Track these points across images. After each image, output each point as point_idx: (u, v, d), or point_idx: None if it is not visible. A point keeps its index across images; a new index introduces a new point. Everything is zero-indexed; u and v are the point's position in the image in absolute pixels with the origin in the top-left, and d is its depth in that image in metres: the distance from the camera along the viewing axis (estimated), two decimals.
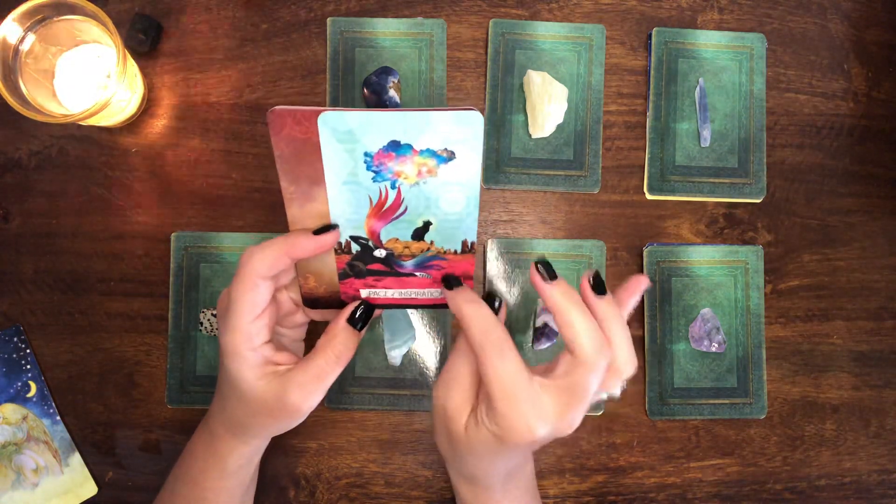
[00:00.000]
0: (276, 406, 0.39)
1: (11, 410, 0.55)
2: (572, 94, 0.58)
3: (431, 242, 0.39)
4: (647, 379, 0.57)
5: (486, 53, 0.58)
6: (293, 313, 0.44)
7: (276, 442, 0.52)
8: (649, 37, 0.59)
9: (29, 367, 0.55)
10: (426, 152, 0.35)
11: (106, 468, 0.56)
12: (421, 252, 0.40)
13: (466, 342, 0.39)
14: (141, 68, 0.56)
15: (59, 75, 0.52)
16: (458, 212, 0.38)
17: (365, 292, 0.42)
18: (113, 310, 0.56)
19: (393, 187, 0.37)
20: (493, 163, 0.57)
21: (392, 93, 0.57)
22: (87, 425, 0.56)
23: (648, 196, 0.58)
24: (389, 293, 0.42)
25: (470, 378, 0.39)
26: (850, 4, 0.61)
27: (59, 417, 0.55)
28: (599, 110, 0.58)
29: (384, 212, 0.38)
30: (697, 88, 0.59)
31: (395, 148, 0.35)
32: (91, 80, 0.53)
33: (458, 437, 0.39)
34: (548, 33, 0.58)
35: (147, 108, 0.57)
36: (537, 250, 0.57)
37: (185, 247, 0.56)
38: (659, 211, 0.59)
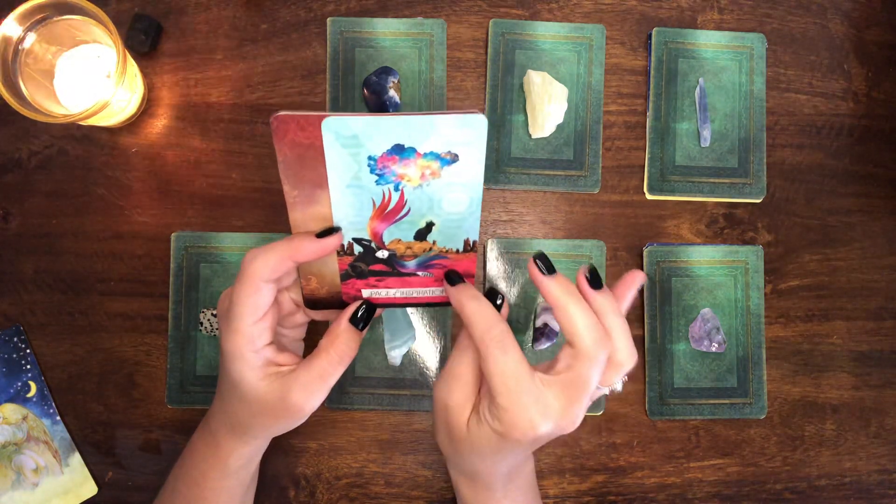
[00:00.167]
0: (278, 406, 0.39)
1: (11, 410, 0.55)
2: (572, 94, 0.58)
3: (434, 242, 0.39)
4: (647, 379, 0.57)
5: (486, 53, 0.58)
6: (294, 313, 0.44)
7: (276, 442, 0.52)
8: (649, 37, 0.59)
9: (29, 367, 0.55)
10: (430, 155, 0.35)
11: (106, 468, 0.56)
12: (423, 252, 0.40)
13: (468, 339, 0.39)
14: (141, 68, 0.56)
15: (59, 75, 0.52)
16: (461, 212, 0.38)
17: (367, 292, 0.42)
18: (113, 310, 0.56)
19: (396, 190, 0.36)
20: (493, 163, 0.57)
21: (392, 93, 0.56)
22: (87, 425, 0.56)
23: (648, 196, 0.59)
24: (391, 293, 0.42)
25: (472, 375, 0.39)
26: (850, 4, 0.61)
27: (59, 417, 0.55)
28: (599, 110, 0.58)
29: (387, 214, 0.38)
30: (697, 88, 0.59)
31: (398, 151, 0.35)
32: (91, 80, 0.53)
33: (459, 435, 0.39)
34: (548, 33, 0.58)
35: (147, 108, 0.57)
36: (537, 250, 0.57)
37: (185, 247, 0.56)
38: (659, 211, 0.59)
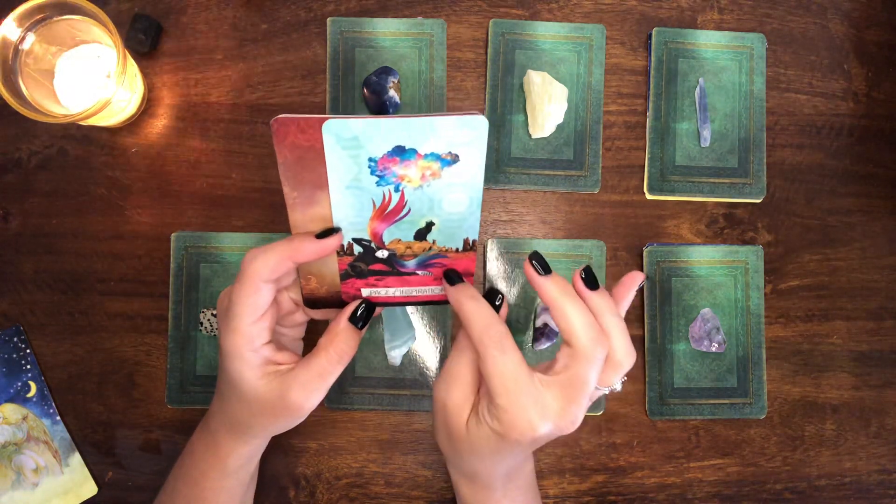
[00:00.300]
0: (277, 405, 0.39)
1: (11, 410, 0.55)
2: (572, 94, 0.58)
3: (433, 242, 0.39)
4: (647, 379, 0.57)
5: (486, 53, 0.58)
6: (293, 313, 0.44)
7: (276, 442, 0.52)
8: (649, 37, 0.59)
9: (29, 367, 0.55)
10: (430, 156, 0.35)
11: (106, 468, 0.56)
12: (423, 251, 0.40)
13: (467, 339, 0.39)
14: (141, 68, 0.56)
15: (59, 75, 0.52)
16: (461, 212, 0.38)
17: (366, 291, 0.42)
18: (113, 310, 0.56)
19: (396, 190, 0.36)
20: (493, 163, 0.57)
21: (392, 93, 0.56)
22: (87, 425, 0.56)
23: (648, 196, 0.59)
24: (391, 292, 0.42)
25: (471, 375, 0.39)
26: (850, 4, 0.61)
27: (59, 417, 0.55)
28: (599, 110, 0.58)
29: (387, 214, 0.38)
30: (697, 88, 0.59)
31: (399, 153, 0.35)
32: (91, 80, 0.53)
33: (459, 435, 0.39)
34: (548, 33, 0.58)
35: (147, 108, 0.57)
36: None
37: (185, 247, 0.56)
38: (659, 211, 0.59)
